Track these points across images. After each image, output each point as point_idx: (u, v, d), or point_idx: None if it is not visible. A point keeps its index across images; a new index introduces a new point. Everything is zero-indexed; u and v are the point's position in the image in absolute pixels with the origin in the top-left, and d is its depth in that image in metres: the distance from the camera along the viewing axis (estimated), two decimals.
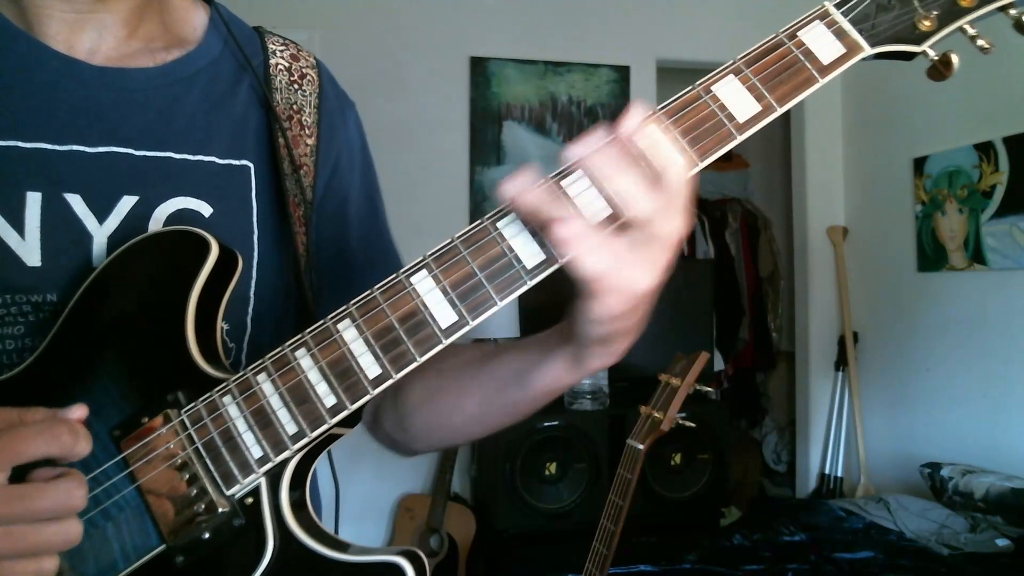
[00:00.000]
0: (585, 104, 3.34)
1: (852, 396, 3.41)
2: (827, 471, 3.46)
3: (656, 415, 1.46)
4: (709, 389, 1.64)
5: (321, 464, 0.70)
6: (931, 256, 3.03)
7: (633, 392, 2.45)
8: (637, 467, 1.46)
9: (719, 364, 3.80)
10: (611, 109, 3.36)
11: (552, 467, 2.73)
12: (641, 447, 1.47)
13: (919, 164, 3.08)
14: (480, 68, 3.24)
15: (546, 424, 2.70)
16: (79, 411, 0.48)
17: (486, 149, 3.24)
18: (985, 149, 2.77)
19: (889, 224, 3.27)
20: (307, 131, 0.72)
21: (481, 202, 3.19)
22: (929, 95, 2.96)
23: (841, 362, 3.48)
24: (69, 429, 0.46)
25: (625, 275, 0.48)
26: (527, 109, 3.29)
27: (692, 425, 1.59)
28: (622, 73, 3.38)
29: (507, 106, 3.27)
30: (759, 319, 4.22)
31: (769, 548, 2.41)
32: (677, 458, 2.81)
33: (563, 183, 0.51)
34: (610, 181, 0.49)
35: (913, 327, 3.14)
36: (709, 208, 4.29)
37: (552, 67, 3.32)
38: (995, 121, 2.73)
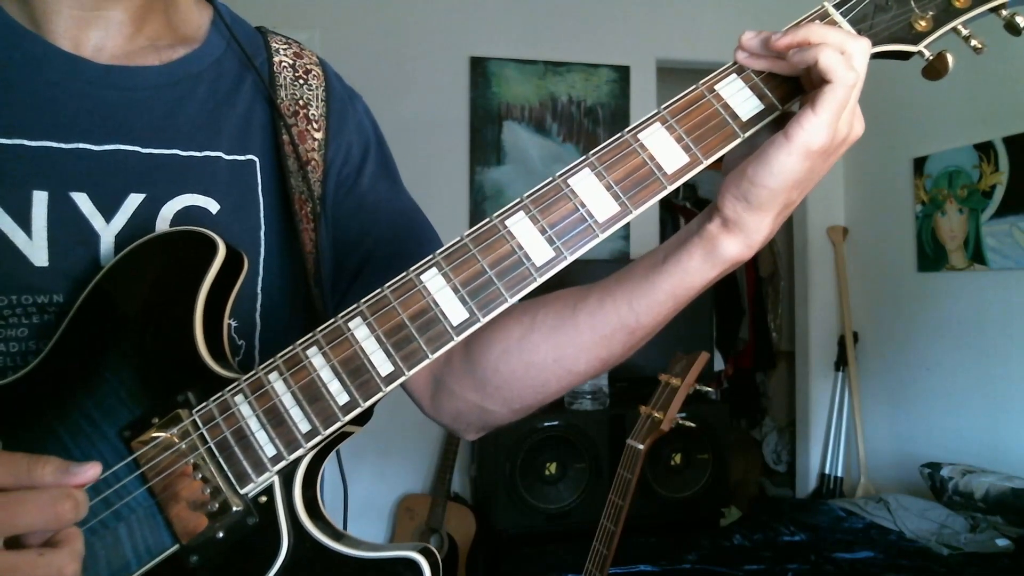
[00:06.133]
0: (585, 104, 3.34)
1: (852, 396, 3.41)
2: (827, 471, 3.46)
3: (656, 415, 1.46)
4: (709, 389, 1.64)
5: (328, 465, 0.69)
6: (931, 256, 3.03)
7: (633, 392, 2.45)
8: (637, 467, 1.46)
9: (719, 364, 3.80)
10: (611, 109, 3.36)
11: (552, 467, 2.73)
12: (641, 447, 1.47)
13: (919, 164, 3.08)
14: (480, 68, 3.24)
15: (546, 424, 2.70)
16: (93, 470, 0.47)
17: (486, 149, 3.24)
18: (985, 149, 2.77)
19: (889, 224, 3.27)
20: (314, 125, 0.71)
21: (481, 202, 3.18)
22: (929, 95, 2.96)
23: (841, 362, 3.48)
24: (73, 505, 0.45)
25: (850, 96, 0.50)
26: (527, 109, 3.29)
27: (692, 425, 1.59)
28: (622, 73, 3.38)
29: (507, 106, 3.27)
30: (759, 319, 4.21)
31: (769, 548, 2.41)
32: (677, 458, 2.81)
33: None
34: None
35: (913, 327, 3.14)
36: None
37: (552, 67, 3.31)
38: (995, 121, 2.73)
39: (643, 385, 1.69)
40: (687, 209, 4.21)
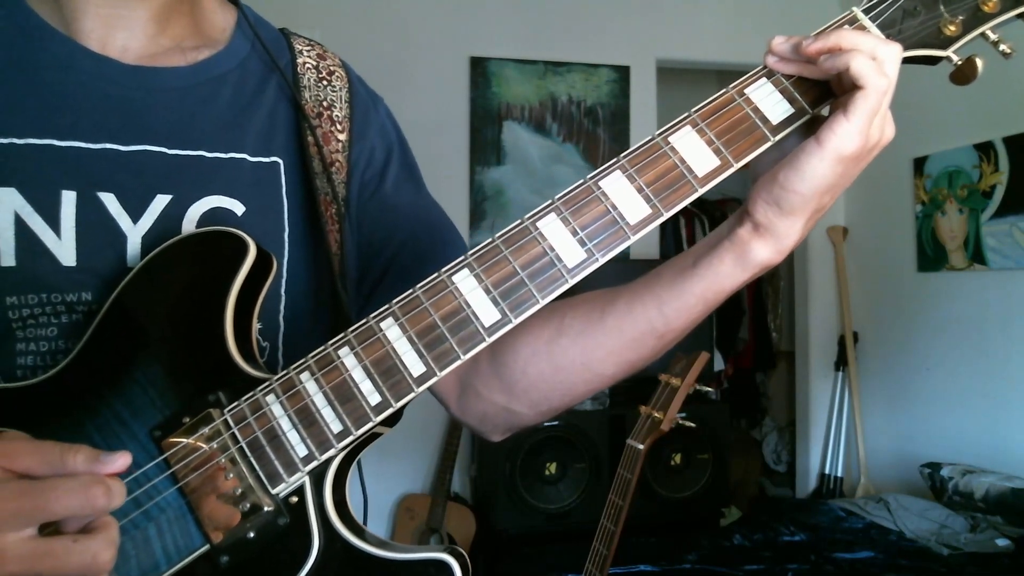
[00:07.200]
0: (585, 104, 3.34)
1: (852, 396, 3.41)
2: (827, 471, 3.46)
3: (656, 415, 1.46)
4: (709, 389, 1.65)
5: None
6: (931, 256, 3.03)
7: (633, 392, 2.45)
8: (637, 467, 1.46)
9: (719, 364, 3.80)
10: (611, 109, 3.36)
11: (552, 467, 2.73)
12: (641, 447, 1.47)
13: (919, 164, 3.08)
14: (480, 68, 3.24)
15: (546, 424, 2.70)
16: (123, 459, 0.46)
17: (486, 149, 3.24)
18: (985, 149, 2.78)
19: (889, 224, 3.28)
20: (338, 126, 0.71)
21: (481, 202, 3.18)
22: (929, 95, 2.95)
23: (841, 362, 3.48)
24: (105, 491, 0.44)
25: (882, 100, 0.51)
26: (527, 109, 3.29)
27: (692, 425, 1.60)
28: (622, 73, 3.38)
29: (507, 106, 3.27)
30: (759, 319, 4.22)
31: (769, 548, 2.42)
32: (677, 458, 2.82)
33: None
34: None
35: (913, 327, 3.14)
36: (709, 208, 4.29)
37: (552, 67, 3.32)
38: (995, 121, 2.73)
39: (643, 385, 1.69)
40: (687, 210, 4.21)
